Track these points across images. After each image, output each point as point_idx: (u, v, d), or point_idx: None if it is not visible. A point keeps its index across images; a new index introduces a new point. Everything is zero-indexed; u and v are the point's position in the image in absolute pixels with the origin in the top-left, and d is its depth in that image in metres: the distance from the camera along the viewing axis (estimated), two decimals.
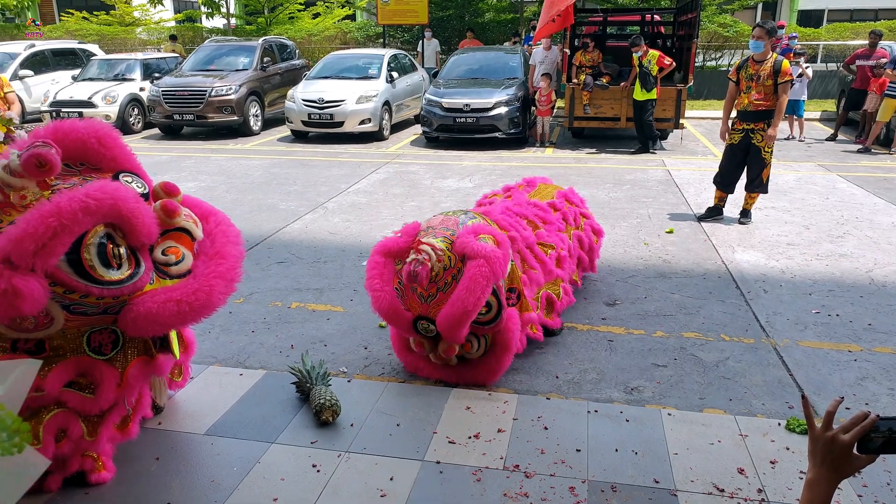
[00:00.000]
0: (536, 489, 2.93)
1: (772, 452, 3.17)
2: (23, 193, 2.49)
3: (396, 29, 21.67)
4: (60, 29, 25.02)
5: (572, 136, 12.91)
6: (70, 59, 16.69)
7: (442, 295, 3.59)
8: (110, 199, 2.46)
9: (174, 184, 2.94)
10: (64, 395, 2.73)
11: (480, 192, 8.57)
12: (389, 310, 3.72)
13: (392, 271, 3.79)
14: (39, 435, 2.71)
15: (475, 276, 3.42)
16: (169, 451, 3.22)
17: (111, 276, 2.53)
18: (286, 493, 2.91)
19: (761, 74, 6.71)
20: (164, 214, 2.77)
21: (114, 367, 2.80)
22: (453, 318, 3.46)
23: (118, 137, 2.88)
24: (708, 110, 15.99)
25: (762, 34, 6.69)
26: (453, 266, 3.59)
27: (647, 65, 10.62)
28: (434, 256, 3.51)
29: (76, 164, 2.78)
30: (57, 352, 2.71)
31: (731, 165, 7.15)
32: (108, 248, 2.52)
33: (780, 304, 4.99)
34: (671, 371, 4.04)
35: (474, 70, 13.29)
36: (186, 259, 2.82)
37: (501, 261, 3.53)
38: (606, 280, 5.49)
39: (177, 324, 2.71)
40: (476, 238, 3.59)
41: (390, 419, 3.49)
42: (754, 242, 6.46)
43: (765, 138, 6.82)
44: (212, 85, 13.06)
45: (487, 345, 3.85)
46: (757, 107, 6.80)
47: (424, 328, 3.73)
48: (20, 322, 2.50)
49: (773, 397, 3.72)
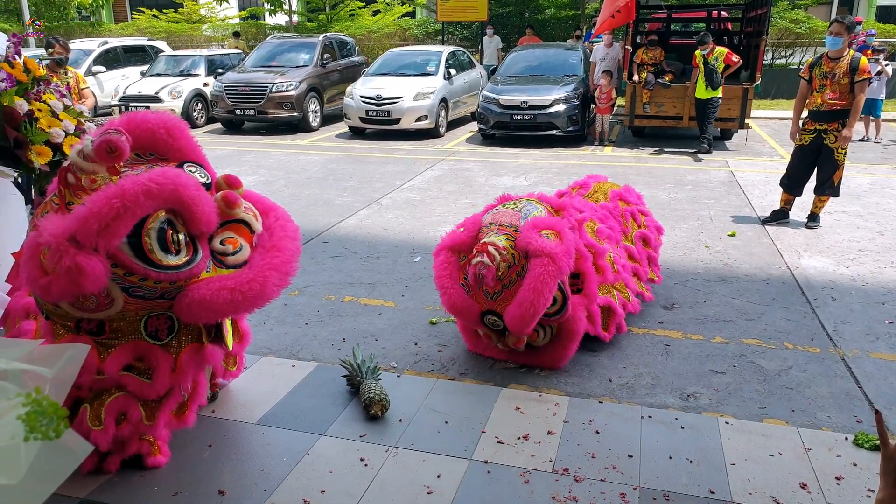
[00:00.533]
0: (586, 494, 2.86)
1: (837, 468, 3.02)
2: (93, 178, 2.57)
3: (455, 26, 21.66)
4: (132, 27, 25.80)
5: (632, 135, 12.67)
6: (139, 55, 17.17)
7: (507, 292, 3.65)
8: (171, 184, 2.52)
9: (237, 176, 2.97)
10: (123, 378, 2.79)
11: (536, 190, 8.47)
12: (458, 306, 3.82)
13: (457, 267, 3.87)
14: (101, 417, 2.78)
15: (542, 276, 3.48)
16: (221, 438, 3.26)
17: (169, 260, 2.58)
18: (334, 486, 2.90)
19: (837, 72, 6.41)
20: (224, 205, 2.81)
21: (168, 352, 2.85)
22: (522, 317, 3.53)
23: (186, 129, 2.95)
24: (775, 110, 15.50)
25: (841, 30, 6.38)
26: (517, 263, 3.65)
27: (713, 62, 10.30)
28: (498, 257, 3.58)
29: (145, 154, 2.86)
30: (116, 334, 2.77)
31: (801, 167, 6.88)
32: (168, 234, 2.57)
33: (849, 313, 4.77)
34: (730, 378, 3.90)
35: (533, 67, 13.15)
36: (244, 250, 2.85)
37: (566, 256, 3.57)
38: (665, 283, 5.34)
39: (229, 312, 2.73)
40: (538, 234, 3.62)
41: (439, 416, 3.45)
42: (822, 248, 6.21)
43: (838, 139, 6.53)
44: (272, 81, 13.25)
45: (553, 333, 3.91)
46: (831, 106, 6.50)
47: (492, 322, 3.80)
48: (83, 301, 2.57)
49: (840, 410, 3.55)
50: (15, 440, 0.87)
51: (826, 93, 6.50)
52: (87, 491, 2.84)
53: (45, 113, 3.39)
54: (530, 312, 3.50)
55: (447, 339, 4.40)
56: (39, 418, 0.89)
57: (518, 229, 3.73)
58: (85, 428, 2.77)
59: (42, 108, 3.39)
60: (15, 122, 3.28)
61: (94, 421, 2.78)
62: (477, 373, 3.97)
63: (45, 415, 0.90)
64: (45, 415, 0.90)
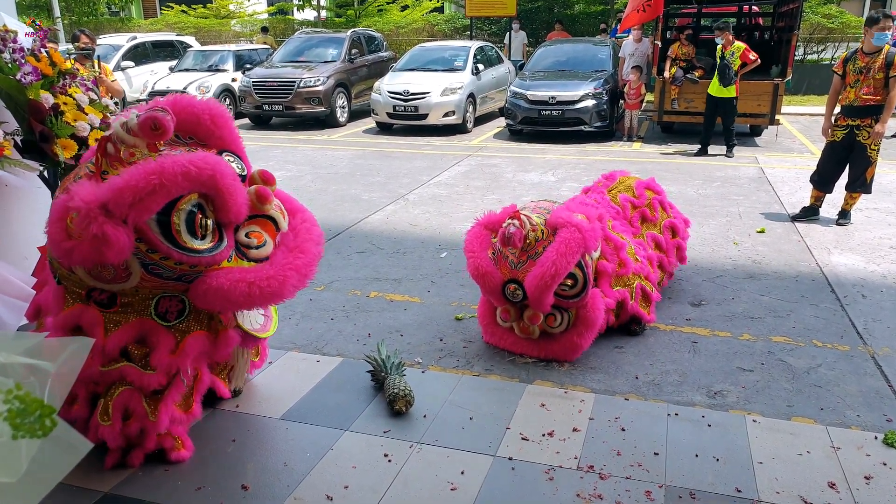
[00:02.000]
0: (611, 491, 2.85)
1: (867, 467, 2.98)
2: (132, 151, 2.62)
3: (484, 21, 21.59)
4: (161, 22, 26.09)
5: (661, 131, 12.54)
6: (168, 50, 17.37)
7: (531, 262, 3.80)
8: (210, 170, 2.57)
9: (272, 173, 3.00)
10: (124, 369, 2.81)
11: (564, 185, 8.45)
12: (483, 270, 3.95)
13: (488, 241, 4.05)
14: (109, 412, 2.81)
15: (567, 240, 3.68)
16: (245, 433, 3.29)
17: (193, 244, 2.62)
18: (357, 482, 2.92)
19: (872, 67, 6.31)
20: (256, 199, 2.85)
21: (172, 334, 2.86)
22: (542, 278, 3.66)
23: (230, 119, 3.01)
24: (807, 106, 15.25)
25: (889, 24, 6.28)
26: (545, 238, 3.83)
27: (728, 57, 9.75)
28: (528, 225, 3.79)
29: (186, 137, 2.91)
30: (126, 308, 2.80)
31: (831, 163, 6.77)
32: (197, 218, 2.62)
33: (880, 311, 4.69)
34: (758, 376, 3.86)
35: (561, 62, 13.08)
36: (267, 245, 2.88)
37: (593, 232, 3.78)
38: (692, 279, 5.30)
39: (244, 305, 2.76)
40: (570, 213, 3.86)
41: (463, 412, 3.46)
42: (853, 245, 6.11)
43: (871, 135, 6.42)
44: (300, 76, 13.32)
45: (570, 321, 3.97)
46: (865, 101, 6.39)
47: (512, 293, 3.89)
48: (100, 270, 2.62)
49: (870, 409, 3.50)
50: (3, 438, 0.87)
51: (860, 88, 6.38)
52: (111, 485, 2.88)
53: (71, 107, 3.44)
54: (551, 273, 3.63)
55: (472, 335, 4.40)
56: (23, 416, 0.88)
57: (550, 211, 3.96)
58: (95, 423, 2.82)
59: (68, 102, 3.44)
60: (41, 116, 3.33)
61: (103, 416, 2.83)
62: (502, 369, 3.96)
63: (29, 412, 0.89)
64: (29, 412, 0.89)
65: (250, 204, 2.83)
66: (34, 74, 3.32)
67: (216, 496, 2.83)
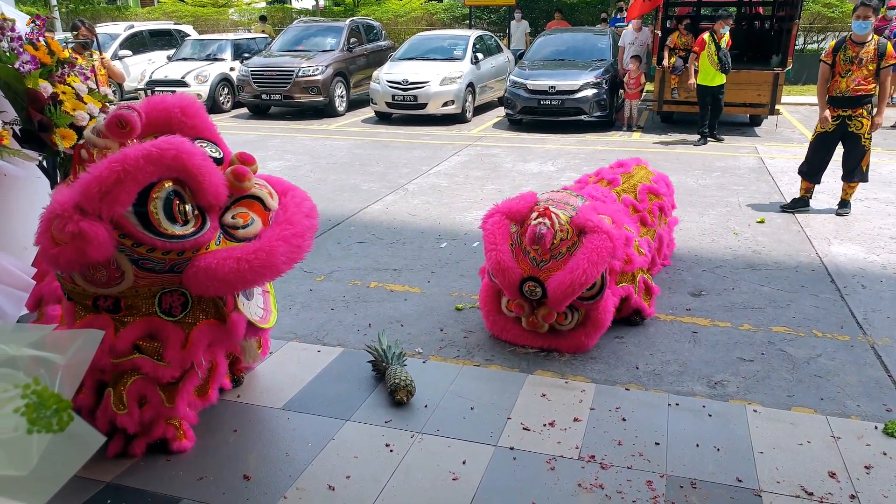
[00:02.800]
0: (612, 481, 2.85)
1: (867, 457, 2.99)
2: (105, 153, 2.61)
3: (483, 10, 21.51)
4: (158, 11, 25.96)
5: (661, 121, 12.51)
6: (166, 39, 17.28)
7: (554, 262, 3.77)
8: (174, 150, 2.56)
9: (251, 154, 2.98)
10: (137, 361, 2.83)
11: (563, 175, 8.44)
12: (504, 264, 3.87)
13: (507, 231, 3.97)
14: (124, 400, 2.81)
15: (598, 249, 3.62)
16: (246, 424, 3.29)
17: (175, 230, 2.62)
18: (359, 472, 2.93)
19: (863, 57, 6.28)
20: (233, 178, 2.83)
21: (180, 328, 2.87)
22: (569, 285, 3.63)
23: (201, 109, 3.00)
24: (806, 96, 15.20)
25: (868, 13, 6.22)
26: (569, 238, 3.78)
27: (724, 47, 9.88)
28: (557, 224, 3.75)
29: (161, 134, 2.87)
30: (131, 311, 2.82)
31: (821, 154, 6.75)
32: (175, 204, 2.62)
33: (879, 301, 4.70)
34: (758, 366, 3.86)
35: (561, 51, 13.02)
36: (255, 224, 2.87)
37: (621, 240, 3.75)
38: (693, 270, 5.30)
39: (236, 282, 2.74)
40: (597, 214, 3.81)
41: (464, 402, 3.46)
42: (853, 235, 6.11)
43: (865, 125, 6.41)
44: (299, 65, 13.27)
45: (580, 319, 3.96)
46: (856, 91, 6.37)
47: (530, 290, 3.85)
48: (93, 273, 2.63)
49: (870, 398, 3.50)
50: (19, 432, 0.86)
51: (852, 78, 6.36)
52: (113, 475, 2.89)
53: (70, 96, 3.42)
54: (580, 281, 3.60)
55: (473, 325, 4.40)
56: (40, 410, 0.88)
57: (576, 209, 3.89)
58: (111, 412, 2.82)
59: (66, 91, 3.41)
60: (39, 105, 3.31)
61: (118, 405, 2.83)
62: (503, 359, 3.97)
63: (46, 406, 0.89)
64: (46, 406, 0.89)
65: (228, 184, 2.82)
66: (32, 63, 3.30)
67: (218, 486, 2.84)
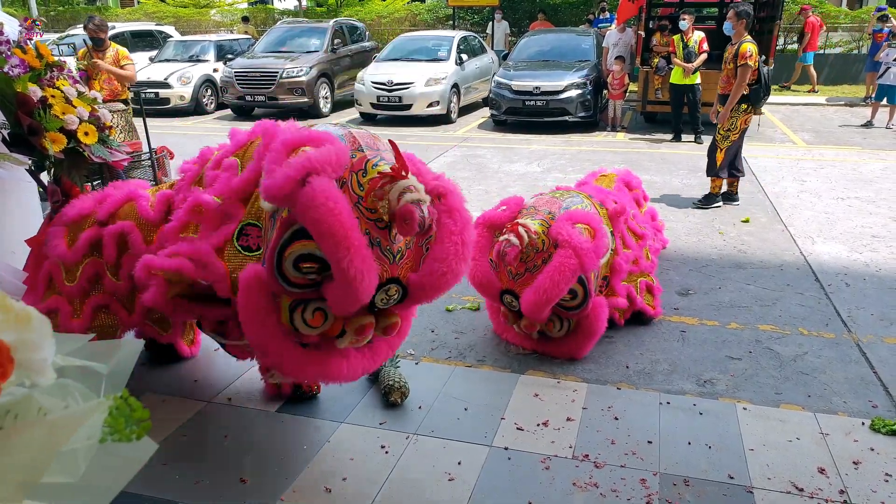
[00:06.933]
0: (606, 479, 2.89)
1: (855, 453, 3.04)
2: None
3: (466, 11, 21.52)
4: (139, 11, 25.72)
5: (645, 121, 12.60)
6: (148, 40, 17.14)
7: (529, 275, 3.72)
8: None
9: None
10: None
11: (549, 176, 8.48)
12: (481, 279, 3.89)
13: (490, 243, 3.92)
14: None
15: (560, 267, 3.53)
16: (241, 427, 3.29)
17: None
18: (355, 473, 2.94)
19: (727, 58, 6.75)
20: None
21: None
22: (534, 303, 3.58)
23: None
24: (787, 96, 15.37)
25: (731, 16, 6.77)
26: (545, 250, 3.70)
27: (691, 46, 10.05)
28: (527, 239, 3.64)
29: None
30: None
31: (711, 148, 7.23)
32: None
33: (863, 299, 4.77)
34: (746, 364, 3.91)
35: (545, 52, 13.06)
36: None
37: (591, 253, 3.58)
38: (680, 269, 5.35)
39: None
40: (572, 226, 3.65)
41: (458, 403, 3.48)
42: (836, 234, 6.19)
43: (717, 117, 6.88)
44: (283, 66, 13.22)
45: (570, 327, 3.94)
46: (723, 90, 6.83)
47: (509, 302, 3.86)
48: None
49: (856, 395, 3.56)
50: (91, 441, 0.88)
51: (721, 76, 6.87)
52: None
53: (59, 99, 3.39)
54: (543, 300, 3.55)
55: (463, 326, 4.42)
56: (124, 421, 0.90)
57: (554, 217, 3.78)
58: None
59: (56, 95, 3.39)
60: (29, 109, 3.28)
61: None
62: (494, 360, 3.99)
63: (132, 418, 0.91)
64: (132, 418, 0.91)
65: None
66: (21, 67, 3.27)
67: (215, 489, 2.84)
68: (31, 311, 0.96)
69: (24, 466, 0.91)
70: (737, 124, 6.81)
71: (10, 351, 0.93)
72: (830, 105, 14.12)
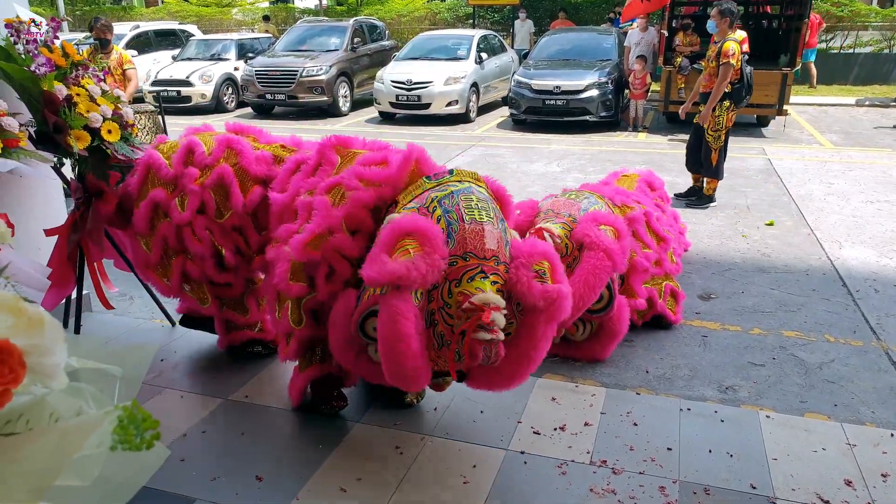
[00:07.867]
0: (624, 486, 2.84)
1: (883, 465, 2.96)
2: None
3: (486, 9, 21.48)
4: (162, 10, 25.97)
5: (667, 121, 12.48)
6: (171, 39, 17.28)
7: None
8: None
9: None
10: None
11: (569, 176, 8.42)
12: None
13: None
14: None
15: (595, 269, 3.45)
16: (258, 425, 3.28)
17: None
18: (369, 474, 2.91)
19: (709, 56, 6.73)
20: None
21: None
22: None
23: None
24: (815, 96, 15.17)
25: (715, 14, 6.76)
26: (569, 254, 3.61)
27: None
28: (552, 242, 3.53)
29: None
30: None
31: (691, 144, 7.27)
32: None
33: (893, 306, 4.67)
34: (769, 371, 3.84)
35: (566, 51, 13.00)
36: None
37: (620, 255, 3.53)
38: (702, 273, 5.28)
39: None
40: (596, 227, 3.59)
41: (474, 405, 3.44)
42: (864, 238, 6.08)
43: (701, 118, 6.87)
44: (303, 65, 13.26)
45: (593, 329, 3.88)
46: (704, 88, 6.85)
47: None
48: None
49: (885, 406, 3.48)
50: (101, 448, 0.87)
51: (703, 75, 6.88)
52: None
53: (84, 98, 3.42)
54: (578, 305, 3.43)
55: None
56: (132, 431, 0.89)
57: (576, 220, 3.72)
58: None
59: (80, 93, 3.41)
60: (54, 107, 3.31)
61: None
62: None
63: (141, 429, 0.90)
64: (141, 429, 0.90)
65: None
66: (48, 66, 3.30)
67: (231, 487, 2.83)
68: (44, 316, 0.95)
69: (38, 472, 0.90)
70: (722, 122, 6.83)
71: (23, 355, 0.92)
72: (860, 106, 13.91)
